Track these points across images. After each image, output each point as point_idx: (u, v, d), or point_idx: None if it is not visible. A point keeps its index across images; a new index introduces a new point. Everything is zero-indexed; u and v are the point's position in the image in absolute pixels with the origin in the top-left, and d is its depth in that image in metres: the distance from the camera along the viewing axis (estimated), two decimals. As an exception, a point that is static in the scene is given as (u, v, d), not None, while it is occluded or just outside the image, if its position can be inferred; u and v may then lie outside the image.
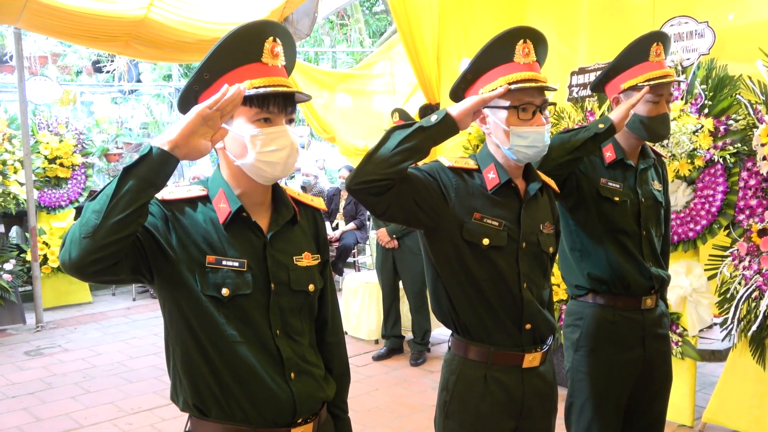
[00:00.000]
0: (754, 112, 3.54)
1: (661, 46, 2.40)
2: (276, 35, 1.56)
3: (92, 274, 1.40)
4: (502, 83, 1.90)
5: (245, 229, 1.60)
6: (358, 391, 4.65)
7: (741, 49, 3.75)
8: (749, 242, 3.55)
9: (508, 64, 1.93)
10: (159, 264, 1.54)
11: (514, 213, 2.01)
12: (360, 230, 7.91)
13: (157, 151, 1.38)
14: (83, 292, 7.36)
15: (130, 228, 1.38)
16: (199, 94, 1.58)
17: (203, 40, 6.42)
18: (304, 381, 1.64)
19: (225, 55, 1.54)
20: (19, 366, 5.34)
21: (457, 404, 2.05)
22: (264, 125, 1.54)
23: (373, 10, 14.23)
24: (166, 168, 1.40)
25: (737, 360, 3.70)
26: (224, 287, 1.55)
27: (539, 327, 2.02)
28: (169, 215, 1.55)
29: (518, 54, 1.93)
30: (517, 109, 1.92)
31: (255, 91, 1.50)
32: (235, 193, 1.60)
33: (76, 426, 4.18)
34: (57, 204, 7.11)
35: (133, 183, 1.38)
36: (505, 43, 1.95)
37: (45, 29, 6.15)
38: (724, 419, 3.77)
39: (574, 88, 4.45)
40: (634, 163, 2.52)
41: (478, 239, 1.95)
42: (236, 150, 1.56)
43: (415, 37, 5.70)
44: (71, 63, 9.41)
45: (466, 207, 1.98)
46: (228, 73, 1.54)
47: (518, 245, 1.99)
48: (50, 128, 7.04)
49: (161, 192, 1.53)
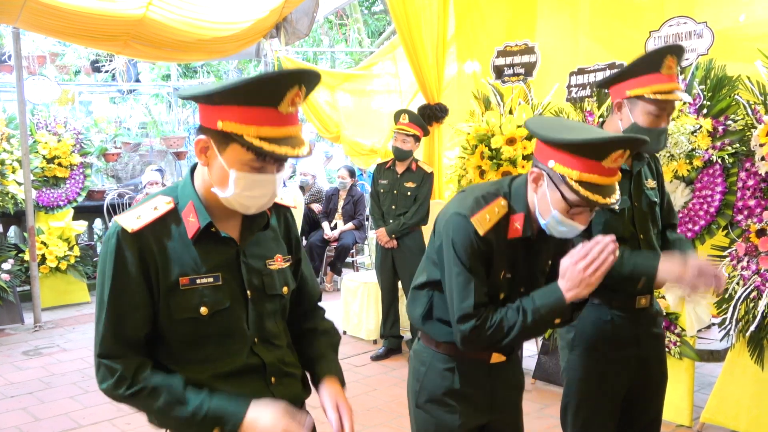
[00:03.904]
0: (752, 112, 3.55)
1: (674, 59, 2.37)
2: (304, 83, 1.48)
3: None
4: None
5: (215, 241, 1.57)
6: (357, 391, 4.65)
7: (740, 50, 3.76)
8: (747, 242, 3.55)
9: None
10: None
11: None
12: (359, 230, 7.91)
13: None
14: (82, 291, 7.35)
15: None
16: (206, 105, 1.51)
17: (202, 39, 6.42)
18: (285, 384, 1.66)
19: (245, 90, 1.44)
20: (18, 366, 5.33)
21: (426, 395, 2.11)
22: (253, 172, 1.49)
23: (372, 10, 14.23)
24: None
25: (735, 360, 3.70)
26: (202, 306, 1.53)
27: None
28: (144, 249, 1.51)
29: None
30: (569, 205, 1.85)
31: (260, 147, 1.44)
32: (204, 206, 1.56)
33: (74, 425, 4.18)
34: (55, 204, 7.10)
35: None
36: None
37: (44, 29, 6.14)
38: (722, 419, 3.77)
39: (573, 88, 4.45)
40: (629, 166, 2.51)
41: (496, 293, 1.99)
42: (217, 178, 1.52)
43: (414, 38, 5.70)
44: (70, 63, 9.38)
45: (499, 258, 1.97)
46: (239, 106, 1.44)
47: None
48: (48, 128, 7.03)
49: (127, 221, 1.51)
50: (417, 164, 5.34)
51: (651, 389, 2.59)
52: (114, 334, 1.51)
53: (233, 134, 1.45)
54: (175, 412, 1.51)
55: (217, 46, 6.69)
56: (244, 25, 6.48)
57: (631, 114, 2.41)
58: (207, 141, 1.51)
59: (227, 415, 1.50)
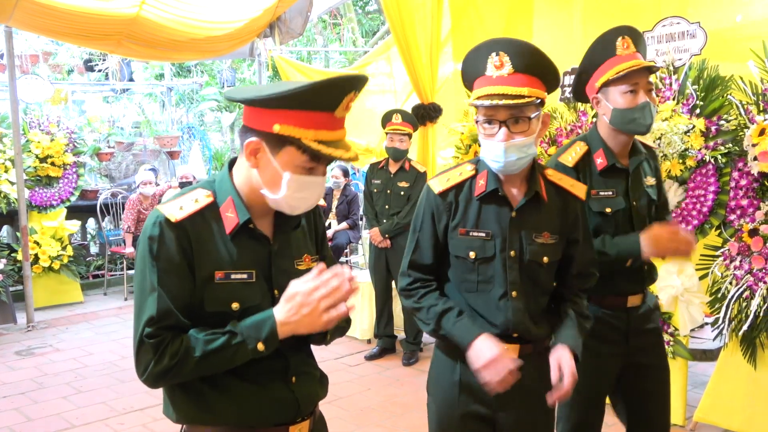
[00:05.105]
0: (745, 112, 3.56)
1: (628, 38, 2.39)
2: (358, 88, 1.52)
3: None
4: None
5: (251, 238, 1.59)
6: (351, 390, 4.65)
7: (732, 50, 3.77)
8: (740, 242, 3.57)
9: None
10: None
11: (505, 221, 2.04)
12: (353, 230, 7.91)
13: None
14: (75, 291, 7.33)
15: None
16: (262, 108, 1.49)
17: (196, 38, 6.40)
18: (305, 382, 1.67)
19: (307, 96, 1.45)
20: (11, 366, 5.31)
21: (432, 384, 2.19)
22: (305, 174, 1.53)
23: (366, 10, 14.23)
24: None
25: (728, 359, 3.72)
26: (234, 301, 1.54)
27: (523, 334, 2.04)
28: (184, 239, 1.52)
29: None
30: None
31: (319, 150, 1.47)
32: (244, 203, 1.58)
33: (67, 426, 4.16)
34: (48, 203, 7.08)
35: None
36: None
37: (36, 28, 6.12)
38: (715, 418, 3.79)
39: (566, 88, 4.45)
40: (625, 164, 2.51)
41: (465, 253, 2.05)
42: (269, 180, 1.54)
43: (408, 37, 5.70)
44: (63, 62, 9.36)
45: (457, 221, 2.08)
46: (298, 110, 1.46)
47: (507, 254, 2.02)
48: (41, 127, 7.01)
49: (171, 211, 1.53)
50: (410, 164, 5.34)
51: (649, 379, 2.59)
52: (165, 313, 1.50)
53: (291, 137, 1.47)
54: (212, 346, 1.50)
55: (210, 46, 6.68)
56: (237, 25, 6.48)
57: (608, 102, 2.42)
58: (259, 143, 1.52)
59: (260, 321, 1.52)
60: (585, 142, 2.53)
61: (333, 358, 5.28)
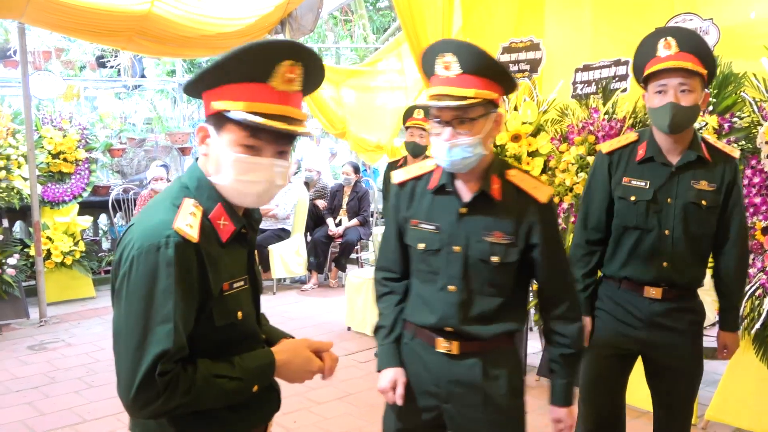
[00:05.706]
0: (758, 109, 3.54)
1: (670, 40, 2.38)
2: (297, 59, 1.45)
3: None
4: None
5: (238, 243, 1.56)
6: (361, 387, 4.65)
7: (746, 47, 3.75)
8: (753, 240, 3.54)
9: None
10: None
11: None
12: (363, 226, 7.91)
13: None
14: (87, 287, 7.37)
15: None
16: (203, 91, 1.51)
17: (207, 35, 6.42)
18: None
19: (233, 66, 1.42)
20: (23, 360, 5.35)
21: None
22: (249, 152, 1.46)
23: (377, 6, 14.21)
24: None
25: (740, 357, 3.69)
26: (239, 310, 1.52)
27: (456, 329, 2.05)
28: (201, 259, 1.44)
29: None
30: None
31: (245, 117, 1.41)
32: (235, 209, 1.54)
33: (79, 420, 4.19)
34: (60, 199, 7.12)
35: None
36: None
37: (49, 24, 6.15)
38: (727, 416, 3.77)
39: (578, 85, 4.44)
40: (671, 161, 2.52)
41: (415, 243, 2.11)
42: (214, 163, 1.50)
43: (419, 34, 5.68)
44: (75, 58, 9.38)
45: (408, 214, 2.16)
46: (230, 84, 1.43)
47: (450, 249, 2.05)
48: (54, 123, 7.04)
49: (184, 229, 1.41)
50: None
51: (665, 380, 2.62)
52: (182, 348, 1.39)
53: (225, 112, 1.43)
54: (225, 389, 1.46)
55: (221, 42, 6.69)
56: (248, 21, 6.48)
57: (647, 102, 2.48)
58: (205, 128, 1.50)
59: (263, 367, 1.54)
60: (637, 133, 2.63)
61: (343, 355, 5.28)
